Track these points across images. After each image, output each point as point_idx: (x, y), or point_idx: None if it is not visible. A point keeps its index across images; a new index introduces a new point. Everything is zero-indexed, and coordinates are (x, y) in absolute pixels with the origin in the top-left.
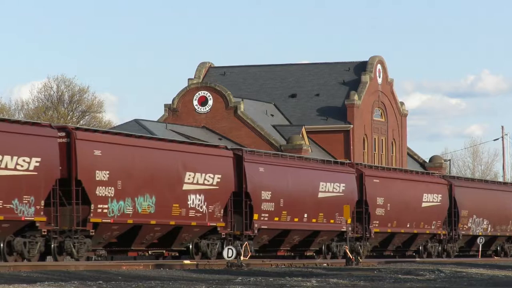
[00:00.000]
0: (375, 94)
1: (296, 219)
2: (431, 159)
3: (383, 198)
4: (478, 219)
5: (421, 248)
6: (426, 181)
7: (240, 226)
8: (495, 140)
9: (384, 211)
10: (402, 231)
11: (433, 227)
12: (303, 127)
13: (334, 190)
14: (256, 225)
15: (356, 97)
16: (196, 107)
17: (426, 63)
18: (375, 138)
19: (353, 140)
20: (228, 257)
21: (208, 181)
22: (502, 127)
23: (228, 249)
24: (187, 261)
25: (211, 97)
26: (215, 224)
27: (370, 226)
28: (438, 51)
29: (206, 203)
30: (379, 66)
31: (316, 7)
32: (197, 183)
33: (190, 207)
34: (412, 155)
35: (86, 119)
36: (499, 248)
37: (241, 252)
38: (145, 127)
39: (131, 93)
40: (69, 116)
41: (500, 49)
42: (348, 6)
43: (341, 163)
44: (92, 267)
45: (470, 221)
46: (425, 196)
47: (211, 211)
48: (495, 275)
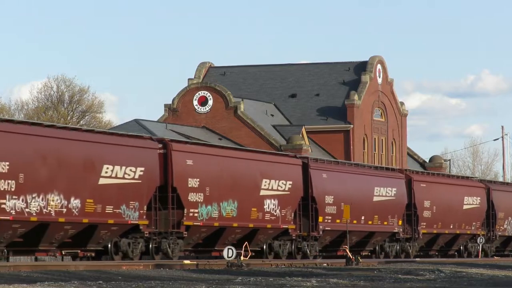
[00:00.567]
0: (375, 94)
1: (354, 221)
2: (431, 159)
3: (429, 201)
4: None
5: (462, 247)
6: (467, 185)
7: (307, 228)
8: (495, 140)
9: (430, 214)
10: (446, 231)
11: (473, 228)
12: (303, 127)
13: (387, 194)
14: (321, 227)
15: (356, 97)
16: (196, 107)
17: (426, 63)
18: (375, 138)
19: (353, 140)
20: (228, 257)
21: (281, 187)
22: (502, 127)
23: (228, 249)
24: (187, 261)
25: (211, 97)
26: (287, 227)
27: (419, 228)
28: (438, 51)
29: (279, 207)
30: (379, 66)
31: (316, 7)
32: (272, 189)
33: (266, 211)
34: (412, 155)
35: (86, 119)
36: None
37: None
38: (145, 127)
39: (131, 93)
40: (69, 116)
41: (500, 49)
42: (348, 6)
43: (392, 169)
44: (92, 267)
45: (506, 222)
46: (466, 199)
47: (283, 214)
48: (495, 275)
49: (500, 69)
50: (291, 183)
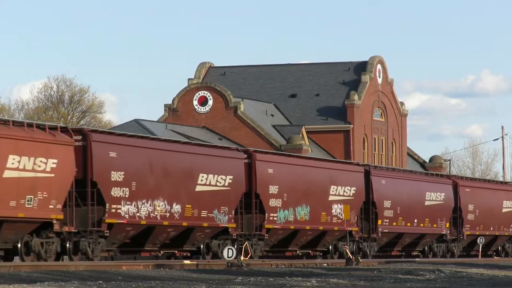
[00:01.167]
0: (375, 94)
1: (408, 224)
2: (431, 159)
3: (473, 205)
4: None
5: (499, 248)
6: (505, 189)
7: (367, 230)
8: (495, 140)
9: (473, 216)
10: (487, 233)
11: (510, 229)
12: (303, 127)
13: (437, 198)
14: (380, 229)
15: (356, 97)
16: (196, 107)
17: (426, 63)
18: (375, 138)
19: (353, 140)
20: (228, 257)
21: (347, 192)
22: (502, 127)
23: (228, 249)
24: (187, 261)
25: (211, 97)
26: (351, 229)
27: (463, 230)
28: (438, 51)
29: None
30: (379, 66)
31: (316, 7)
32: (339, 195)
33: (333, 214)
34: (412, 155)
35: (86, 119)
36: None
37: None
38: (145, 127)
39: (131, 93)
40: (69, 116)
41: (500, 49)
42: (348, 6)
43: (440, 175)
44: (92, 267)
45: None
46: (505, 202)
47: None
48: (495, 275)
49: (500, 69)
50: (355, 189)
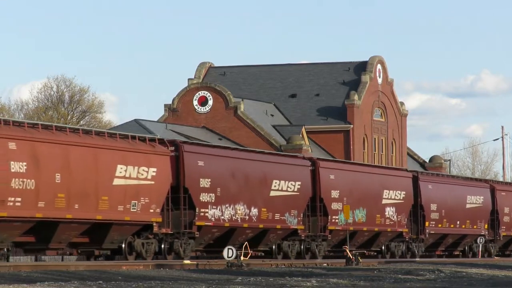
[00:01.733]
0: (375, 94)
1: (451, 226)
2: (431, 159)
3: (508, 208)
4: None
5: None
6: None
7: (415, 231)
8: (495, 140)
9: (509, 219)
10: None
11: None
12: (303, 127)
13: (476, 202)
14: (427, 230)
15: (356, 97)
16: (196, 107)
17: (426, 63)
18: (375, 138)
19: (353, 140)
20: (228, 257)
21: (397, 196)
22: (502, 127)
23: (228, 249)
24: (187, 261)
25: (211, 97)
26: (401, 230)
27: (499, 231)
28: (438, 51)
29: (396, 213)
30: (379, 66)
31: (316, 7)
32: (391, 198)
33: (386, 217)
34: (412, 155)
35: (86, 119)
36: None
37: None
38: (145, 127)
39: (131, 93)
40: (69, 116)
41: (500, 49)
42: (348, 6)
43: (479, 179)
44: (92, 267)
45: None
46: None
47: (399, 220)
48: (495, 275)
49: (500, 69)
50: (404, 193)
